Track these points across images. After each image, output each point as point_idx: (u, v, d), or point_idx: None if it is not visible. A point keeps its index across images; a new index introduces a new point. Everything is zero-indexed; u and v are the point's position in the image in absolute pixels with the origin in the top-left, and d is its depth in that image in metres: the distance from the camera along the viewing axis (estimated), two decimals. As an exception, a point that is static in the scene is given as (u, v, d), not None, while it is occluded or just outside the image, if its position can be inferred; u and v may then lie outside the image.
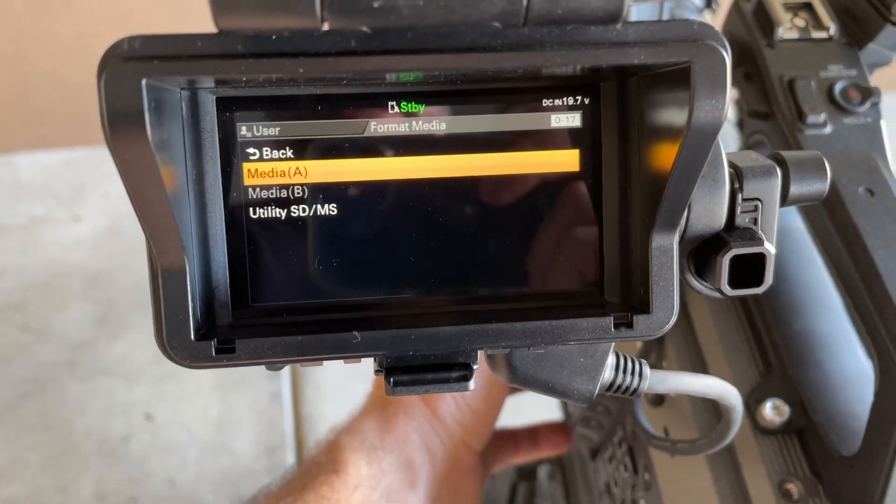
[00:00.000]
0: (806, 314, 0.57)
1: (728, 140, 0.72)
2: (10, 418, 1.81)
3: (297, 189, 0.35)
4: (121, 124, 0.26)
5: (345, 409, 1.87)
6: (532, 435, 0.78)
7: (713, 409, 0.57)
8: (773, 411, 0.54)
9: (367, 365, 0.34)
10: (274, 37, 0.26)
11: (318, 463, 0.55)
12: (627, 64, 0.27)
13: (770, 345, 0.57)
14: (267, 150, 0.34)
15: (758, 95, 0.57)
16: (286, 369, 1.92)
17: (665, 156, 0.31)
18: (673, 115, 0.31)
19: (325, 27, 0.25)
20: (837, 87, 0.55)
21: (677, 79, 0.29)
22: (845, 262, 0.50)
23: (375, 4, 0.24)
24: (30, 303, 2.03)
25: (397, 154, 0.35)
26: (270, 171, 0.34)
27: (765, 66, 0.57)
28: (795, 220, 0.61)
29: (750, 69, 0.58)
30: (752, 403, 0.54)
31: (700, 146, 0.29)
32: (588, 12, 0.25)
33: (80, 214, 2.24)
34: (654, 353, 0.63)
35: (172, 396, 1.87)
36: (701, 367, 0.59)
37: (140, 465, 1.77)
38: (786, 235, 0.61)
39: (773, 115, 0.56)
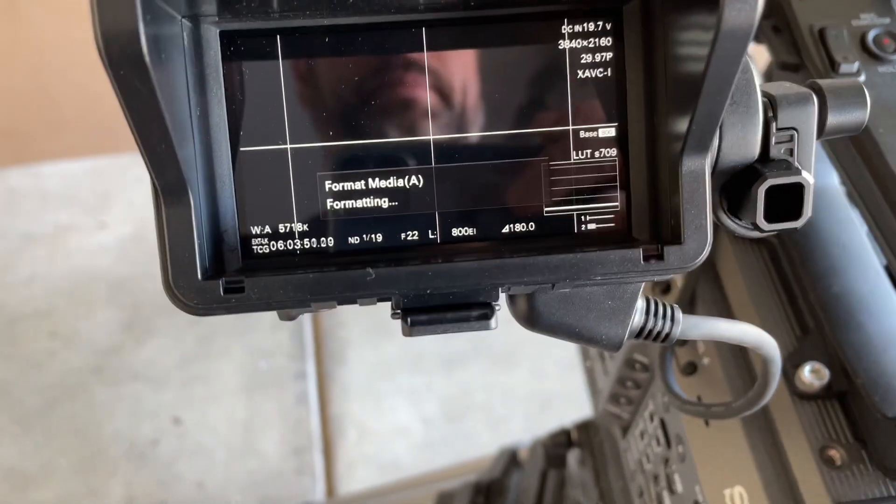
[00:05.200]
0: (844, 275, 0.55)
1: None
2: (39, 424, 1.82)
3: None
4: (114, 37, 0.24)
5: (371, 409, 1.86)
6: None
7: (748, 376, 0.55)
8: (811, 375, 0.51)
9: (394, 365, 0.33)
10: None
11: None
12: None
13: (806, 308, 0.55)
14: None
15: (787, 47, 0.55)
16: (311, 369, 1.92)
17: (694, 73, 0.29)
18: (700, 33, 0.29)
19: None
20: (870, 36, 0.53)
21: None
22: (885, 214, 0.48)
23: None
24: (57, 310, 2.04)
25: (414, 84, 0.33)
26: None
27: (793, 17, 0.54)
28: (831, 179, 0.59)
29: (778, 21, 0.56)
30: (789, 368, 0.52)
31: (731, 53, 0.27)
32: None
33: (105, 222, 2.26)
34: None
35: (199, 399, 1.87)
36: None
37: (169, 468, 1.77)
38: (822, 196, 0.58)
39: (803, 66, 0.54)
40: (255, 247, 0.34)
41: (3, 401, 1.85)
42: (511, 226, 0.35)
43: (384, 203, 0.34)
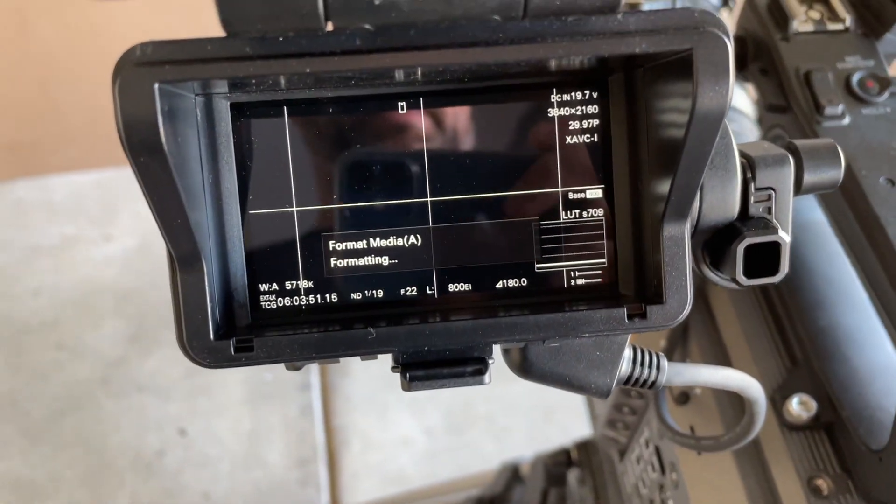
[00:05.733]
0: (831, 309, 0.57)
1: (749, 136, 0.72)
2: (46, 435, 1.84)
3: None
4: (135, 128, 0.27)
5: (375, 420, 1.86)
6: None
7: (739, 406, 0.57)
8: (799, 406, 0.53)
9: (397, 377, 0.35)
10: (281, 38, 0.27)
11: None
12: (629, 53, 0.28)
13: (795, 340, 0.56)
14: None
15: (774, 89, 0.57)
16: (315, 381, 1.93)
17: (673, 146, 0.31)
18: (679, 105, 0.31)
19: (329, 27, 0.26)
20: (855, 78, 0.54)
21: (682, 68, 0.29)
22: (867, 253, 0.50)
23: (377, 2, 0.24)
24: (63, 321, 2.06)
25: (412, 150, 0.35)
26: None
27: (780, 60, 0.56)
28: (817, 214, 0.61)
29: (766, 64, 0.58)
30: (778, 399, 0.54)
31: (705, 133, 0.29)
32: (586, 2, 0.25)
33: (111, 234, 2.28)
34: (679, 351, 0.62)
35: (205, 411, 1.89)
36: (726, 364, 0.59)
37: (175, 478, 1.79)
38: (808, 230, 0.60)
39: (790, 108, 0.55)
40: (263, 303, 0.36)
41: (10, 412, 1.87)
42: (504, 281, 0.37)
43: (385, 261, 0.36)
